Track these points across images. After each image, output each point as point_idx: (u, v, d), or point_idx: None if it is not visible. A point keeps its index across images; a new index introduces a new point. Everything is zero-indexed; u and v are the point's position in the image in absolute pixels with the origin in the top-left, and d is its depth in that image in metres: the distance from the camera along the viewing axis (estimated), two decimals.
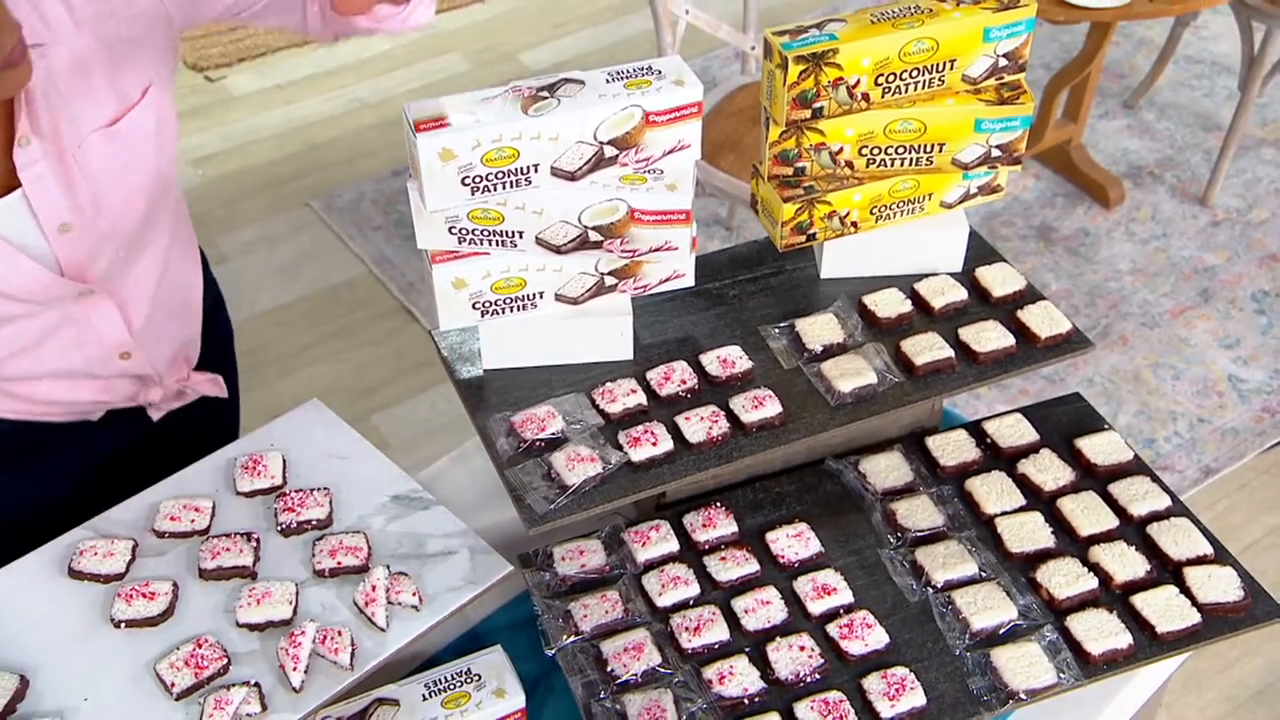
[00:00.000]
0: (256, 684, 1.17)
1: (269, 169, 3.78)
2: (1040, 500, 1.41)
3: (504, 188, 1.25)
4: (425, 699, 1.19)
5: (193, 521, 1.32)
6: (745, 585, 1.32)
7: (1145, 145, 3.71)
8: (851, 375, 1.37)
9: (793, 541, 1.36)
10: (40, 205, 1.23)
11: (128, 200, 1.31)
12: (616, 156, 1.26)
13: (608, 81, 1.25)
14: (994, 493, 1.40)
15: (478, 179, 1.24)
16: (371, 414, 2.92)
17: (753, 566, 1.33)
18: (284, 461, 1.39)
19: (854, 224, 1.46)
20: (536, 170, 1.25)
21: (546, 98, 1.23)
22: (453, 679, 1.21)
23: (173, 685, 1.17)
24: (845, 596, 1.31)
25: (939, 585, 1.31)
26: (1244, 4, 3.22)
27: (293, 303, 3.27)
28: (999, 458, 1.46)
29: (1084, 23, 2.95)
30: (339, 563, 1.27)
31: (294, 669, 1.17)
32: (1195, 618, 1.27)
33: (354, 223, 3.51)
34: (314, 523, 1.32)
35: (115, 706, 1.17)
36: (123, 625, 1.23)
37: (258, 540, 1.31)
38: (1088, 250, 3.34)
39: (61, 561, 1.29)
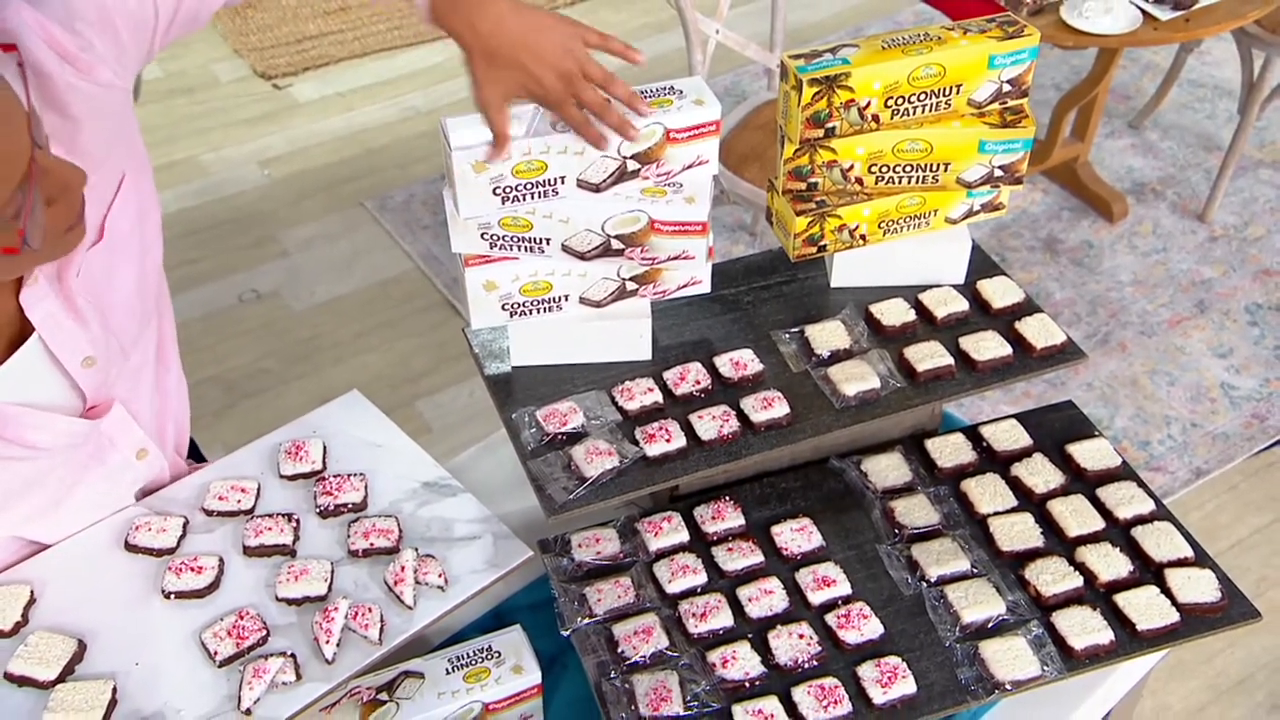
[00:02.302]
0: (292, 654, 1.17)
1: (328, 171, 3.80)
2: (1031, 502, 1.39)
3: (532, 198, 1.25)
4: (448, 673, 1.19)
5: (239, 502, 1.33)
6: (750, 575, 1.31)
7: (1149, 164, 3.65)
8: (856, 380, 1.35)
9: (796, 535, 1.35)
10: (58, 345, 1.13)
11: (125, 308, 1.21)
12: (638, 170, 1.25)
13: None
14: (988, 494, 1.38)
15: (508, 189, 1.23)
16: (415, 400, 2.92)
17: (757, 558, 1.32)
18: (324, 448, 1.39)
19: (863, 237, 1.44)
20: (563, 182, 1.24)
21: None
22: (474, 655, 1.21)
23: (216, 653, 1.17)
24: (844, 588, 1.29)
25: (932, 580, 1.30)
26: (1245, 32, 3.16)
27: (347, 295, 3.28)
28: (994, 460, 1.44)
29: (1092, 48, 2.91)
30: (371, 544, 1.27)
31: (327, 642, 1.17)
32: (1174, 617, 1.25)
33: (404, 222, 3.52)
34: (350, 506, 1.32)
35: (163, 671, 1.17)
36: (172, 596, 1.23)
37: (297, 521, 1.30)
38: (1091, 262, 3.29)
39: (119, 536, 1.30)
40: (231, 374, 3.04)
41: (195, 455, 1.52)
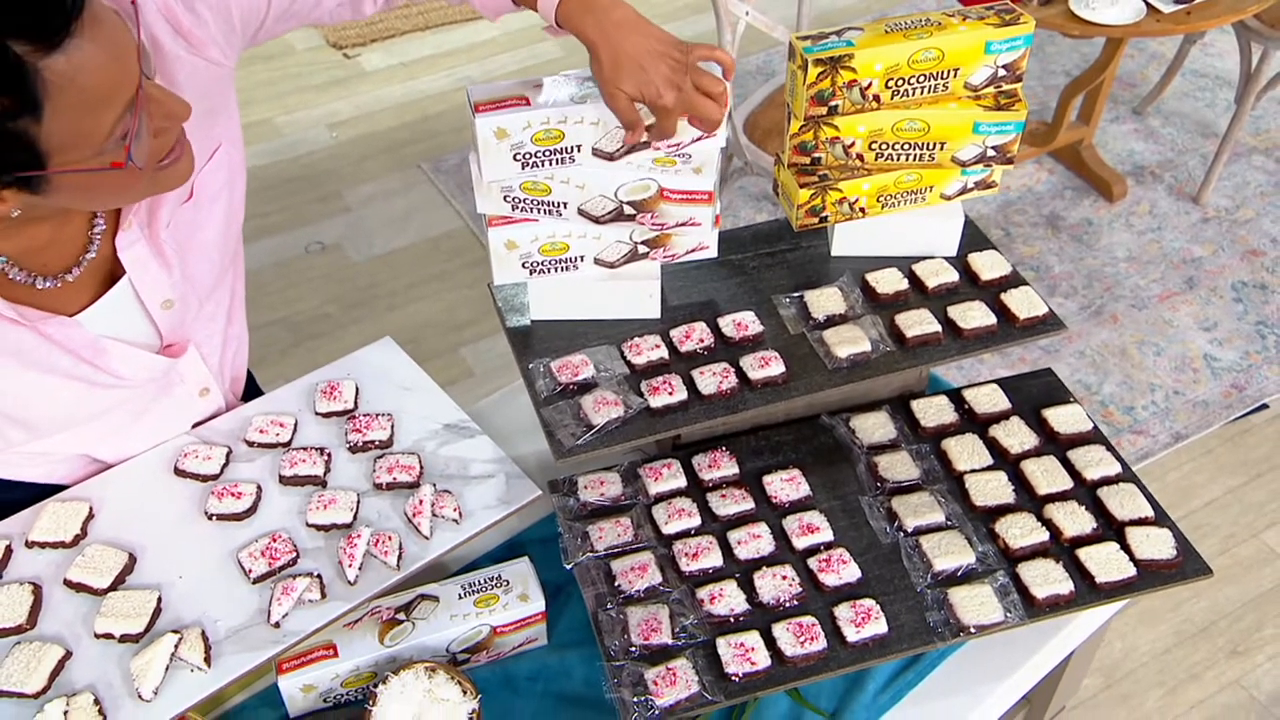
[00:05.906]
0: (319, 575, 1.17)
1: (390, 134, 3.78)
2: (1006, 461, 1.35)
3: (551, 164, 1.22)
4: (460, 597, 1.19)
5: (277, 435, 1.32)
6: (741, 520, 1.29)
7: (1149, 148, 3.55)
8: (849, 343, 1.32)
9: (785, 485, 1.33)
10: (144, 287, 1.16)
11: (204, 260, 1.22)
12: (649, 141, 1.22)
13: None
14: (966, 452, 1.35)
15: (528, 155, 1.21)
16: (460, 346, 2.91)
17: (749, 504, 1.30)
18: (356, 389, 1.38)
19: (862, 210, 1.40)
20: (580, 150, 1.22)
21: (592, 87, 1.20)
22: (485, 582, 1.21)
23: (250, 571, 1.18)
24: (826, 535, 1.27)
25: (909, 530, 1.27)
26: (1244, 25, 3.05)
27: (402, 248, 3.28)
28: (974, 422, 1.41)
29: (1099, 37, 2.82)
30: (394, 478, 1.26)
31: (350, 565, 1.17)
32: (1131, 571, 1.22)
33: (456, 183, 3.50)
34: (377, 443, 1.31)
35: (203, 585, 1.18)
36: (214, 518, 1.24)
37: (329, 455, 1.30)
38: (1090, 238, 3.22)
39: (169, 462, 1.30)
40: (297, 317, 3.05)
41: (256, 392, 1.52)
